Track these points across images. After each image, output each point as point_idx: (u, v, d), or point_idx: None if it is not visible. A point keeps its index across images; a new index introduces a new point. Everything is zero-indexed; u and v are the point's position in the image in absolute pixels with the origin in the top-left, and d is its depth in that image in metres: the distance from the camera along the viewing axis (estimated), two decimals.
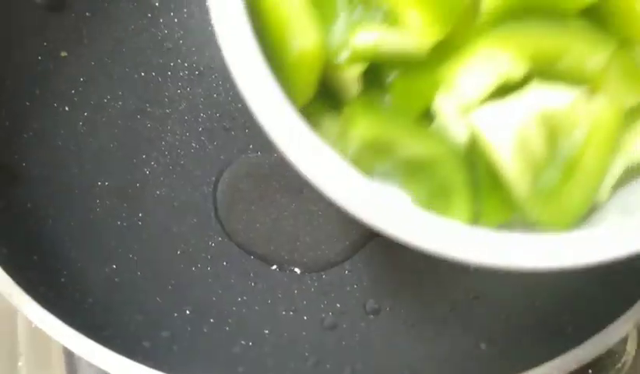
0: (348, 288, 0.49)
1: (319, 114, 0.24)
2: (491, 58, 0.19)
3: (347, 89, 0.23)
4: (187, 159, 0.56)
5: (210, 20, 0.62)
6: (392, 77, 0.22)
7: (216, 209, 0.53)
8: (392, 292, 0.49)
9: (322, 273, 0.50)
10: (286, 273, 0.50)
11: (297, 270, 0.50)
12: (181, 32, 0.60)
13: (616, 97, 0.21)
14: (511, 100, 0.20)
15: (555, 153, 0.21)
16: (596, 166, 0.21)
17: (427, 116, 0.22)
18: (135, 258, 0.47)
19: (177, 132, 0.57)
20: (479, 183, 0.21)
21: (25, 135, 0.47)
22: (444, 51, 0.20)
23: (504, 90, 0.20)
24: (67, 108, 0.51)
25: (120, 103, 0.55)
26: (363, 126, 0.22)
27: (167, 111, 0.57)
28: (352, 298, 0.49)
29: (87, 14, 0.54)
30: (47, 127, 0.49)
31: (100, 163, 0.51)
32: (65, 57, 0.52)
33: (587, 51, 0.20)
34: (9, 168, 0.43)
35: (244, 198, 0.54)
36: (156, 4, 0.59)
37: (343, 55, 0.22)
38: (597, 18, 0.20)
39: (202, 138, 0.57)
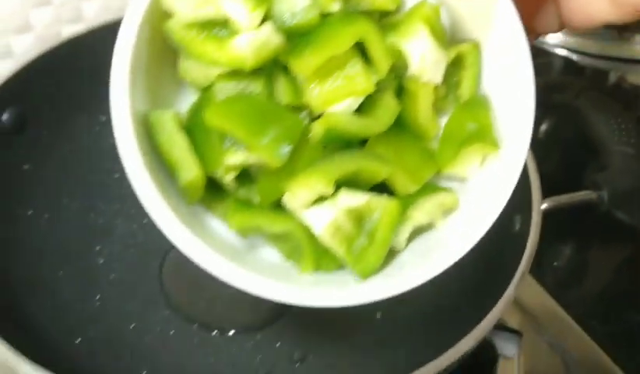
0: (278, 344, 0.59)
1: (212, 201, 0.37)
2: (311, 186, 0.32)
3: (228, 188, 0.36)
4: (135, 247, 0.65)
5: None
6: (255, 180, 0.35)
7: (162, 286, 0.63)
8: (314, 342, 0.59)
9: (256, 333, 0.60)
10: (225, 336, 0.59)
11: (234, 332, 0.59)
12: None
13: (401, 190, 0.35)
14: (327, 204, 0.33)
15: (362, 229, 0.34)
16: (385, 234, 0.34)
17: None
18: (96, 333, 0.56)
19: (126, 225, 0.67)
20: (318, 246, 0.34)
21: None
22: (285, 168, 0.33)
23: (323, 198, 0.33)
24: (30, 212, 0.61)
25: (75, 203, 0.65)
26: (235, 220, 0.35)
27: (116, 207, 0.67)
28: (281, 351, 0.58)
29: (44, 132, 0.64)
30: (15, 231, 0.58)
31: (61, 255, 0.60)
32: (27, 169, 0.62)
33: (375, 169, 0.33)
34: None
35: (186, 275, 0.64)
36: (103, 119, 0.70)
37: (219, 172, 0.34)
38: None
39: (147, 228, 0.67)
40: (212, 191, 0.36)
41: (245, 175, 0.35)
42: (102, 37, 0.67)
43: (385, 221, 0.34)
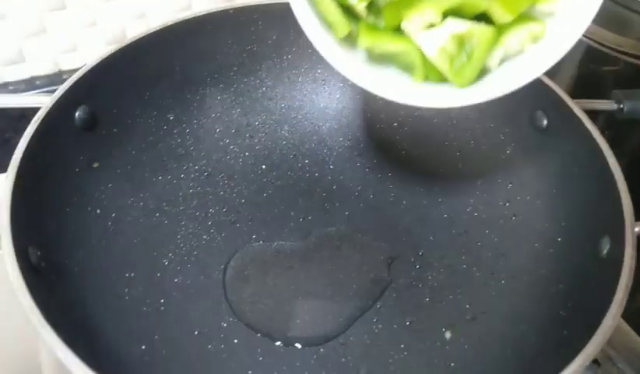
0: (343, 359, 0.57)
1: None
2: (425, 14, 0.43)
3: (360, 15, 0.46)
4: (199, 249, 0.64)
5: (217, 129, 0.73)
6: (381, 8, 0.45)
7: (225, 292, 0.62)
8: (381, 360, 0.56)
9: (320, 347, 0.58)
10: (289, 348, 0.58)
11: (298, 345, 0.57)
12: (192, 140, 0.71)
13: (498, 19, 0.43)
14: (436, 29, 0.43)
15: (463, 51, 0.43)
16: (481, 54, 0.43)
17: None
18: (160, 339, 0.55)
19: (190, 227, 0.66)
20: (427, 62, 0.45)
21: (67, 238, 0.55)
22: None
23: (434, 24, 0.43)
24: (98, 211, 0.60)
25: (141, 203, 0.64)
26: (365, 38, 0.45)
27: (181, 208, 0.67)
28: (346, 367, 0.56)
29: (114, 130, 0.64)
30: (83, 229, 0.57)
31: (126, 256, 0.60)
32: (96, 167, 0.61)
33: (476, 2, 0.42)
34: (57, 266, 0.52)
35: (250, 282, 0.62)
36: (170, 117, 0.69)
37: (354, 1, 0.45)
38: None
39: (212, 231, 0.66)
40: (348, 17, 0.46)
41: (373, 4, 0.45)
42: (167, 39, 0.67)
43: (481, 44, 0.43)
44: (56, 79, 0.82)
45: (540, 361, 0.49)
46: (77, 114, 0.59)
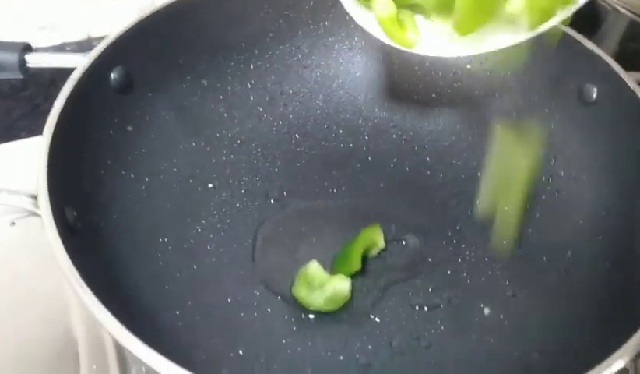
0: (377, 332, 0.56)
1: None
2: None
3: None
4: (231, 217, 0.63)
5: (251, 97, 0.72)
6: None
7: (256, 262, 0.61)
8: (415, 334, 0.55)
9: (353, 318, 0.57)
10: (321, 319, 0.56)
11: (330, 316, 0.56)
12: (225, 106, 0.69)
13: None
14: None
15: None
16: None
17: None
18: (193, 305, 0.54)
19: (223, 194, 0.65)
20: None
21: (101, 199, 0.54)
22: None
23: None
24: (132, 175, 0.59)
25: (175, 169, 0.63)
26: None
27: (214, 175, 0.66)
28: (380, 339, 0.55)
29: (149, 94, 0.63)
30: (117, 192, 0.57)
31: (160, 222, 0.59)
32: (130, 131, 0.61)
33: None
34: (92, 227, 0.51)
35: (281, 252, 0.61)
36: (205, 83, 0.68)
37: None
38: None
39: (245, 199, 0.65)
40: None
41: None
42: (202, 4, 0.65)
43: None
44: (86, 45, 0.81)
45: (586, 340, 0.47)
46: (112, 75, 0.58)
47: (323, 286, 0.55)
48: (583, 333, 0.49)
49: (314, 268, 0.56)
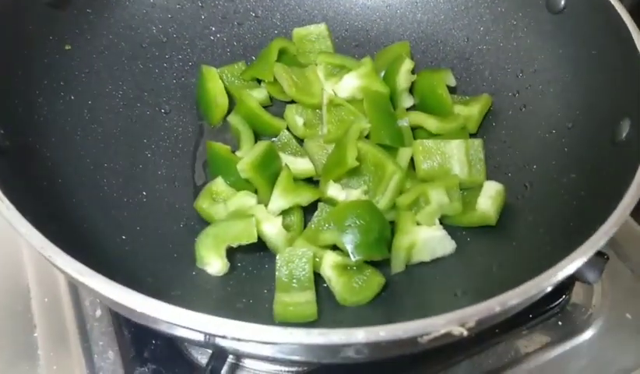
0: None
1: None
2: None
3: None
4: (184, 142, 0.60)
5: (202, 16, 0.67)
6: None
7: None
8: None
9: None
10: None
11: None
12: (175, 26, 0.65)
13: None
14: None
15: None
16: None
17: None
18: (143, 230, 0.51)
19: (174, 119, 0.61)
20: None
21: (37, 120, 0.50)
22: None
23: None
24: (72, 97, 0.55)
25: (120, 92, 0.59)
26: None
27: (164, 98, 0.62)
28: None
29: (88, 10, 0.58)
30: (55, 114, 0.53)
31: (105, 147, 0.55)
32: (69, 50, 0.56)
33: None
34: (27, 149, 0.47)
35: None
36: (151, 0, 0.63)
37: None
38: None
39: (199, 122, 0.62)
40: None
41: None
42: None
43: None
44: None
45: (548, 250, 0.46)
46: None
47: (227, 200, 0.53)
48: (549, 244, 0.48)
49: (219, 183, 0.55)
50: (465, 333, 0.33)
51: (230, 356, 0.51)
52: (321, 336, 0.33)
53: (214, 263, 0.49)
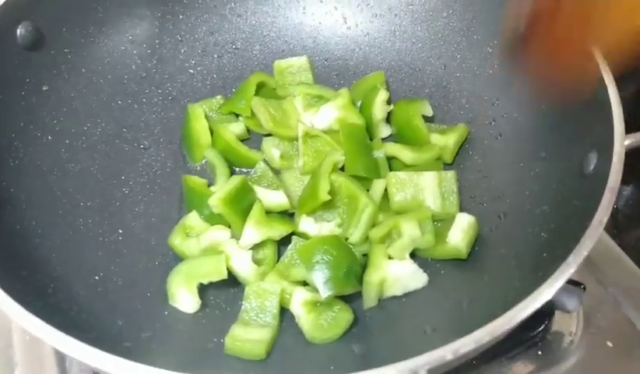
0: None
1: None
2: None
3: None
4: (162, 177, 0.61)
5: (181, 50, 0.68)
6: None
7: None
8: None
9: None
10: None
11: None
12: (154, 61, 0.65)
13: None
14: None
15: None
16: None
17: None
18: (117, 269, 0.52)
19: (153, 154, 0.62)
20: None
21: (12, 164, 0.51)
22: None
23: None
24: (50, 137, 0.56)
25: (99, 130, 0.60)
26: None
27: (143, 134, 0.63)
28: None
29: (65, 50, 0.59)
30: (32, 155, 0.54)
31: (81, 185, 0.56)
32: (46, 90, 0.57)
33: None
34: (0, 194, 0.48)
35: None
36: (130, 37, 0.64)
37: None
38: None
39: (177, 157, 0.62)
40: None
41: None
42: None
43: None
44: None
45: (517, 286, 0.45)
46: (19, 30, 0.54)
47: (200, 235, 0.54)
48: (519, 280, 0.47)
49: (193, 218, 0.55)
50: None
51: None
52: None
53: (186, 301, 0.50)
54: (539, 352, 0.57)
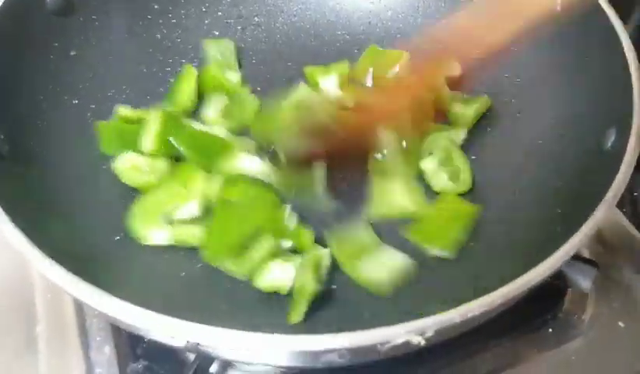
0: None
1: None
2: None
3: None
4: None
5: (205, 21, 0.69)
6: None
7: None
8: None
9: None
10: None
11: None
12: (179, 31, 0.67)
13: None
14: None
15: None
16: None
17: None
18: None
19: None
20: None
21: (39, 125, 0.53)
22: None
23: None
24: (76, 101, 0.58)
25: (123, 96, 0.62)
26: None
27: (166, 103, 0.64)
28: None
29: (93, 17, 0.60)
30: (58, 117, 0.55)
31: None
32: (74, 56, 0.59)
33: None
34: (27, 153, 0.50)
35: None
36: (155, 6, 0.65)
37: None
38: None
39: None
40: None
41: None
42: None
43: None
44: None
45: (531, 256, 0.46)
46: None
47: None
48: (535, 250, 0.48)
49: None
50: (423, 342, 0.33)
51: None
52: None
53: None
54: (550, 329, 0.57)
